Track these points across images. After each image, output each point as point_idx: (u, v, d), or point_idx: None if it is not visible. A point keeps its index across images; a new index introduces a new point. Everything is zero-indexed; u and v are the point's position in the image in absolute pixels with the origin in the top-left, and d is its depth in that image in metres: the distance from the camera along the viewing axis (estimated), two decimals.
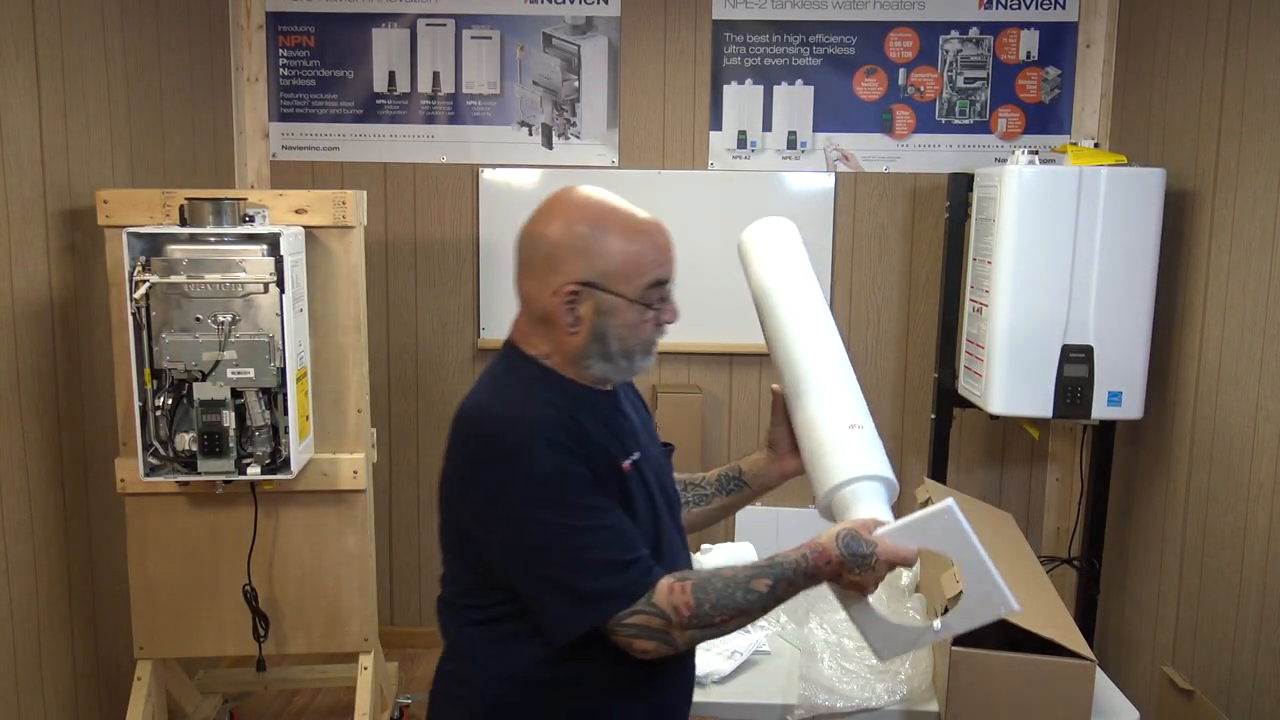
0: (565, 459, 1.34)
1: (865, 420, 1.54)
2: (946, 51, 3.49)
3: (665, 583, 1.35)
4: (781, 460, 1.67)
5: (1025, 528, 3.29)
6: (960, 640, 1.88)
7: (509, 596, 1.40)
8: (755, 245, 1.72)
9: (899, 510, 1.46)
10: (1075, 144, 3.06)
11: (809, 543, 1.39)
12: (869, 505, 1.46)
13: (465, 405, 1.42)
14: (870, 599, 1.44)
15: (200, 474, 2.36)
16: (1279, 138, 2.44)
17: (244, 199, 2.41)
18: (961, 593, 1.42)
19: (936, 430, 3.28)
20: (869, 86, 3.52)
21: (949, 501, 1.37)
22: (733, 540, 2.79)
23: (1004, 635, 1.88)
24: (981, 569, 1.39)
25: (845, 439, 1.51)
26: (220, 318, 2.31)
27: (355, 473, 2.58)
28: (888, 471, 1.49)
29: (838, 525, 1.41)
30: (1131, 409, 2.89)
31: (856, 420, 1.52)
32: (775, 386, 1.64)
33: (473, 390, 1.45)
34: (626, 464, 1.42)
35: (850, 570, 1.36)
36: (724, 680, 2.09)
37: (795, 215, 3.51)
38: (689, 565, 1.58)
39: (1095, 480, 3.18)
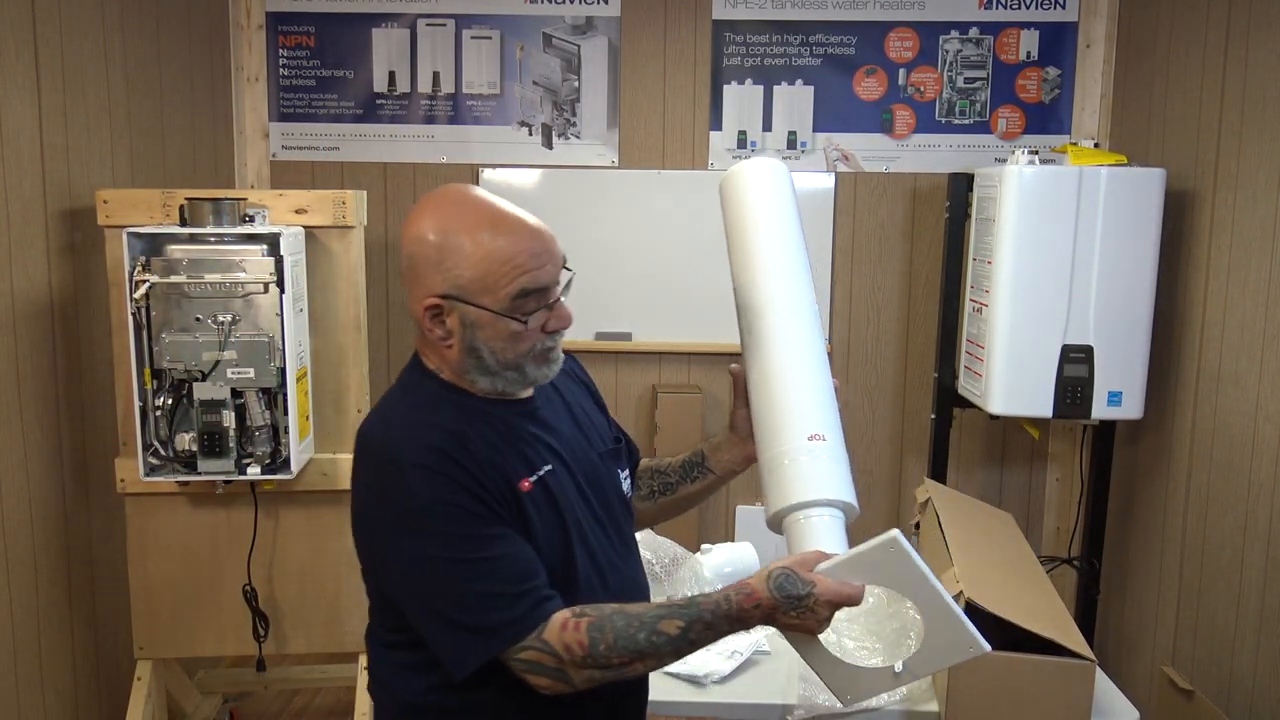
0: (444, 488, 1.25)
1: (830, 427, 1.37)
2: (946, 51, 3.49)
3: (560, 618, 1.26)
4: (744, 444, 1.54)
5: (1025, 528, 3.29)
6: None
7: (409, 622, 1.35)
8: (739, 189, 1.54)
9: (891, 519, 1.40)
10: (1075, 144, 3.07)
11: (737, 583, 1.28)
12: (820, 536, 1.30)
13: (362, 425, 1.36)
14: (823, 639, 1.32)
15: (200, 474, 2.36)
16: (1279, 138, 2.44)
17: (244, 199, 2.41)
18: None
19: (936, 430, 3.28)
20: (869, 86, 3.52)
21: (894, 533, 1.25)
22: (733, 540, 2.78)
23: (1004, 635, 1.88)
24: (939, 606, 1.27)
25: (803, 452, 1.35)
26: (220, 318, 2.31)
27: None
28: (848, 495, 1.35)
29: (773, 563, 1.28)
30: (1131, 409, 2.89)
31: (819, 429, 1.36)
32: (734, 366, 1.53)
33: (373, 407, 1.39)
34: (527, 483, 1.32)
35: (785, 613, 1.25)
36: (724, 680, 2.09)
37: None
38: (635, 571, 1.49)
39: (1095, 480, 3.18)
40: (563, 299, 1.35)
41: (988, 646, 1.28)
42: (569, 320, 1.34)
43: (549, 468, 1.36)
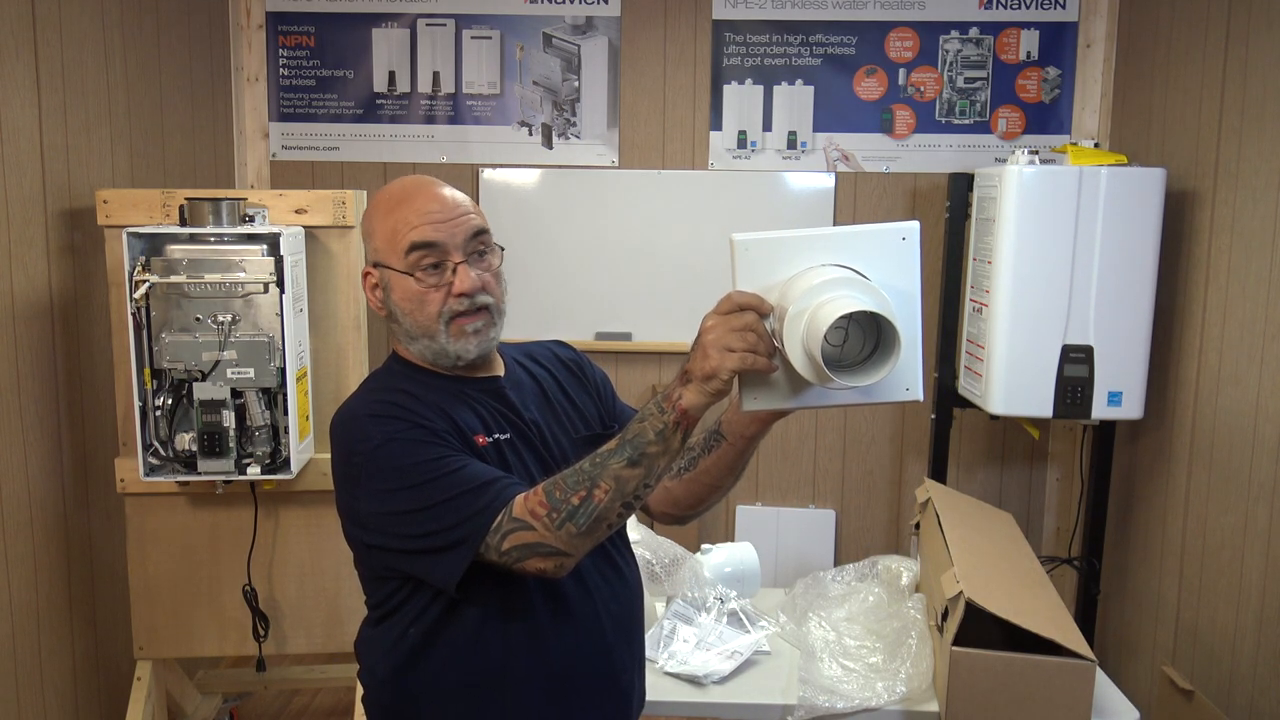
0: (394, 427, 1.34)
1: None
2: (946, 51, 3.49)
3: (522, 494, 1.30)
4: None
5: (1025, 528, 3.29)
6: (960, 640, 1.88)
7: (388, 594, 1.43)
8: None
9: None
10: (1075, 144, 3.07)
11: None
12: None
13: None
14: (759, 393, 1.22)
15: (200, 474, 2.35)
16: (1279, 138, 2.44)
17: (244, 199, 2.41)
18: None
19: (936, 430, 3.28)
20: (869, 86, 3.52)
21: (916, 222, 1.21)
22: (733, 540, 2.78)
23: (1004, 635, 1.88)
24: (912, 330, 1.20)
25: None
26: (220, 318, 2.30)
27: None
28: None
29: None
30: (1131, 409, 2.89)
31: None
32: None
33: None
34: (482, 439, 1.40)
35: (690, 363, 1.19)
36: (724, 680, 2.09)
37: (795, 215, 3.54)
38: (613, 550, 1.51)
39: (1095, 480, 3.18)
40: (470, 269, 1.39)
41: (922, 395, 1.24)
42: (470, 284, 1.39)
43: (505, 436, 1.43)
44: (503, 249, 1.46)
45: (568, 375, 1.59)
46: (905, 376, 1.22)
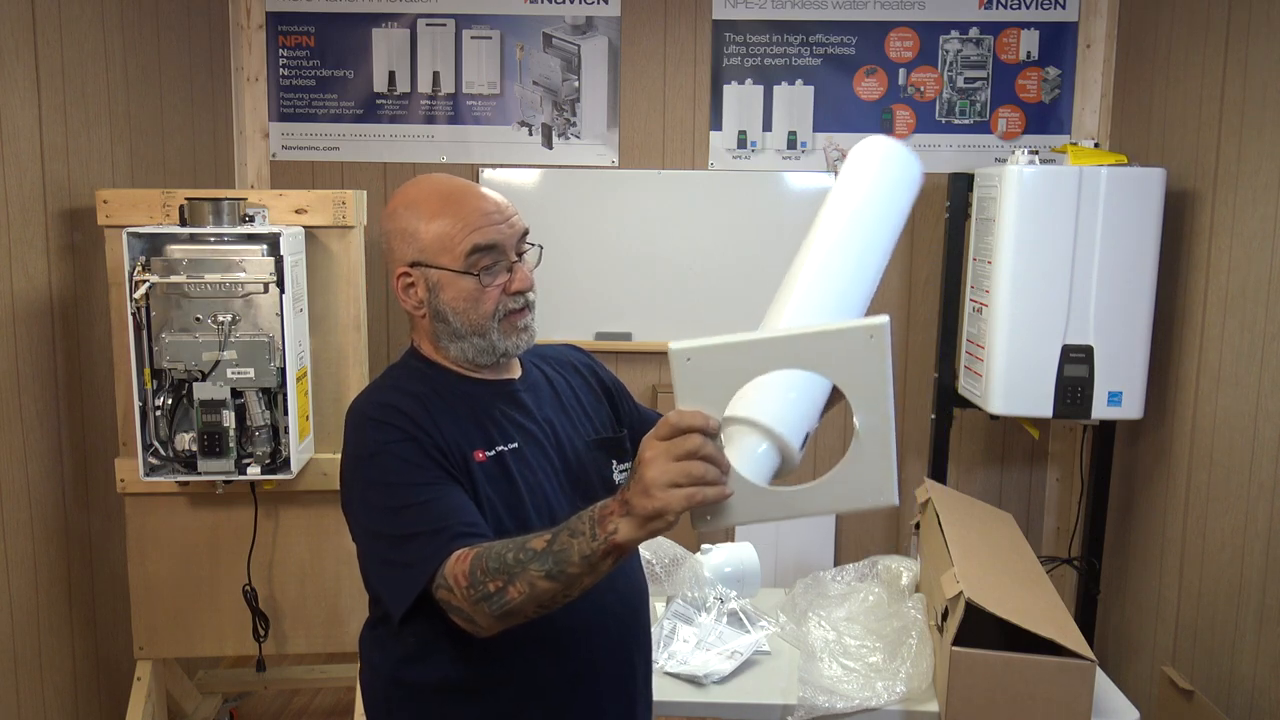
0: (390, 436, 1.34)
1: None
2: (946, 51, 3.49)
3: (457, 552, 1.24)
4: None
5: (1025, 528, 3.29)
6: (960, 640, 1.88)
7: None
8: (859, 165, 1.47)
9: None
10: (1075, 144, 3.07)
11: None
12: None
13: None
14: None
15: (200, 474, 2.36)
16: (1279, 137, 2.44)
17: (244, 199, 2.41)
18: (844, 459, 1.11)
19: (936, 430, 3.28)
20: (869, 86, 3.52)
21: (885, 318, 1.05)
22: (732, 541, 2.78)
23: (1004, 635, 1.88)
24: (882, 431, 1.09)
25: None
26: (220, 318, 2.31)
27: None
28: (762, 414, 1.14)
29: None
30: (1131, 409, 2.89)
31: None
32: None
33: None
34: (481, 455, 1.39)
35: (629, 492, 1.07)
36: (724, 680, 2.09)
37: (795, 215, 3.53)
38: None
39: (1095, 480, 3.18)
40: (525, 267, 1.42)
41: (897, 499, 1.12)
42: (528, 282, 1.42)
43: (513, 445, 1.42)
44: (541, 248, 1.48)
45: (580, 380, 1.59)
46: (875, 479, 1.11)
